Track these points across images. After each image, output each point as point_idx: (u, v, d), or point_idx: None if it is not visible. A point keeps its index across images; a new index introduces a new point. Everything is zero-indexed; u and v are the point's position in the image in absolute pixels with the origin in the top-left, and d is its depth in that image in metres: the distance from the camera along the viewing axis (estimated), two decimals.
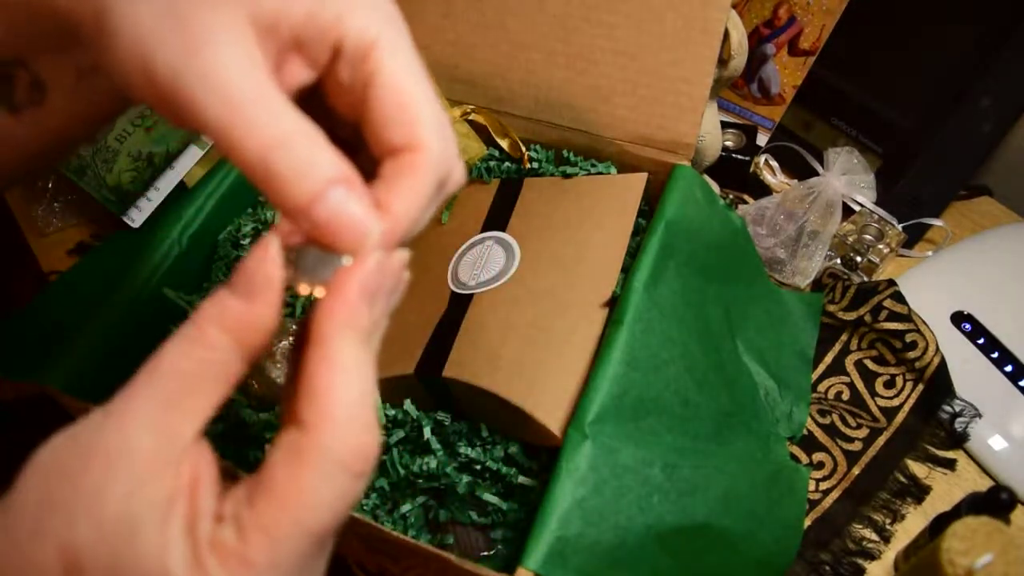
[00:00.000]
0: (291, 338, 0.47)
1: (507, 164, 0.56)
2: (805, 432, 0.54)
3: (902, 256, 0.66)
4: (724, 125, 0.69)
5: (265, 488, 0.20)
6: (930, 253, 0.65)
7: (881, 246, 0.63)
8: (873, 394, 0.56)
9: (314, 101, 0.25)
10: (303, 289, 0.21)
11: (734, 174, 0.69)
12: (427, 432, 0.45)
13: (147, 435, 0.20)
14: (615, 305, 0.44)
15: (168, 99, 0.21)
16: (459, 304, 0.47)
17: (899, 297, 0.57)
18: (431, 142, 0.23)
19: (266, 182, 0.21)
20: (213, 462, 0.21)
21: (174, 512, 0.20)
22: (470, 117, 0.55)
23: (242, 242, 0.54)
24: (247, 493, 0.20)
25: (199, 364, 0.21)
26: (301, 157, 0.21)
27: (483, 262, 0.49)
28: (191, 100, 0.20)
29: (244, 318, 0.21)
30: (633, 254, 0.48)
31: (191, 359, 0.21)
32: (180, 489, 0.20)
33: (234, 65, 0.21)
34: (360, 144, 0.25)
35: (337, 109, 0.25)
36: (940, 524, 0.45)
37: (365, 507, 0.46)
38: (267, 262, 0.21)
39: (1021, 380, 0.54)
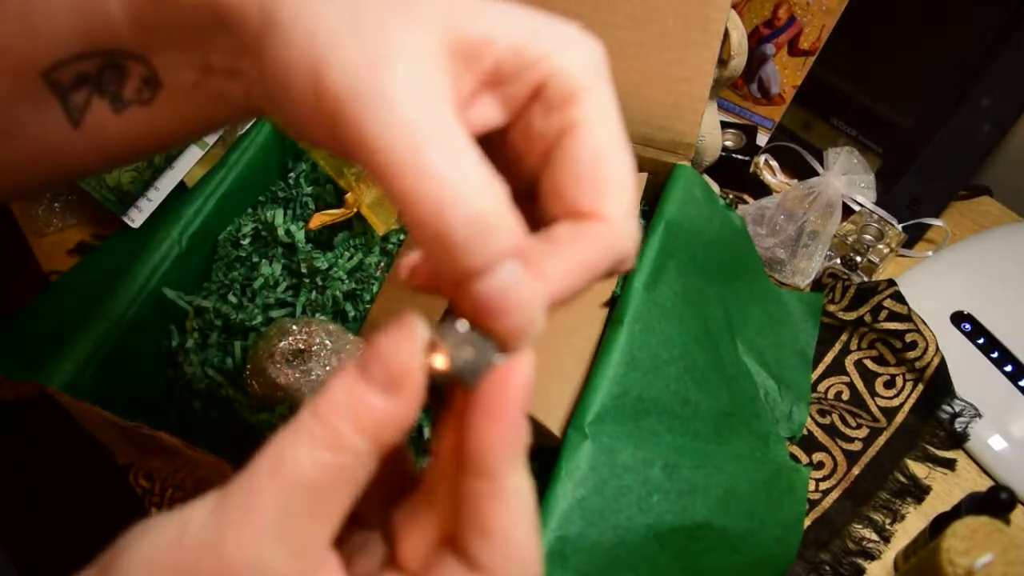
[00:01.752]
0: (287, 339, 0.47)
1: None
2: (805, 432, 0.54)
3: (902, 256, 0.66)
4: (724, 125, 0.69)
5: None
6: (930, 253, 0.65)
7: (881, 246, 0.63)
8: (873, 394, 0.56)
9: (483, 140, 0.21)
10: (440, 366, 0.18)
11: (734, 174, 0.69)
12: (427, 432, 0.45)
13: (275, 551, 0.17)
14: (615, 305, 0.44)
15: (332, 116, 0.18)
16: None
17: (899, 297, 0.57)
18: (620, 217, 0.20)
19: (437, 240, 0.17)
20: (341, 569, 0.19)
21: None
22: None
23: (242, 242, 0.54)
24: None
25: (330, 471, 0.18)
26: (480, 217, 0.17)
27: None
28: (361, 126, 0.17)
29: (385, 417, 0.18)
30: None
31: (319, 464, 0.18)
32: None
33: (420, 96, 0.18)
34: (519, 195, 0.21)
35: (512, 153, 0.22)
36: (940, 524, 0.45)
37: None
38: (414, 352, 0.18)
39: (1021, 380, 0.54)
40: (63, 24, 0.24)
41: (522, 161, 0.22)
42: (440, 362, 0.18)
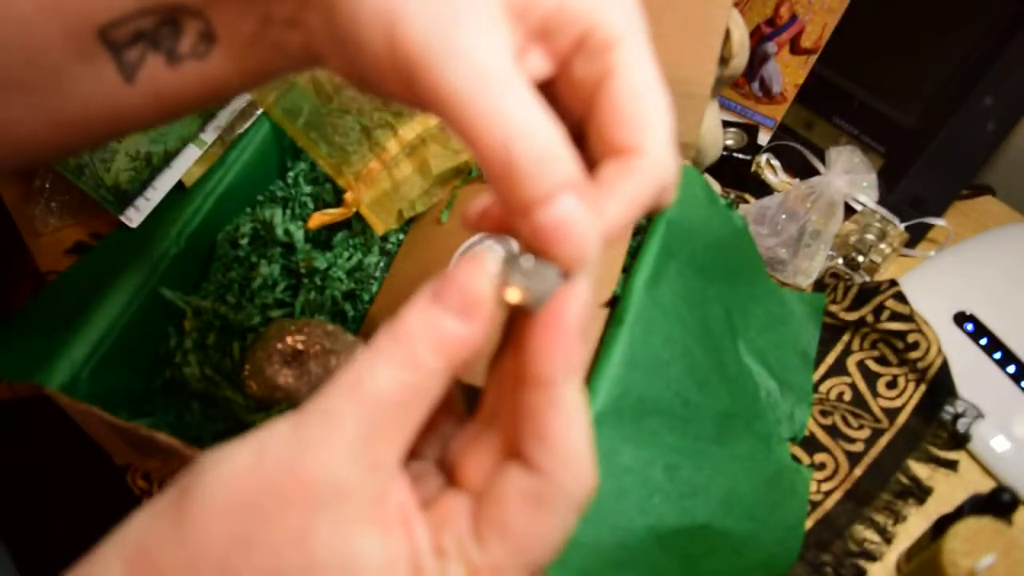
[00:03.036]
0: (285, 340, 0.47)
1: None
2: (807, 433, 0.54)
3: (904, 256, 0.65)
4: (725, 124, 0.69)
5: (500, 530, 0.20)
6: (932, 253, 0.65)
7: (883, 246, 0.62)
8: (875, 394, 0.56)
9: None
10: (511, 297, 0.20)
11: (735, 173, 0.69)
12: None
13: (352, 468, 0.19)
14: (616, 305, 0.44)
15: (405, 70, 0.20)
16: None
17: (901, 297, 0.57)
18: (659, 149, 0.22)
19: (504, 172, 0.20)
20: (410, 487, 0.20)
21: (395, 551, 0.19)
22: None
23: (240, 242, 0.54)
24: (471, 529, 0.20)
25: (407, 390, 0.19)
26: (541, 151, 0.19)
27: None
28: (435, 75, 0.20)
29: (460, 339, 0.20)
30: (634, 254, 0.47)
31: (398, 383, 0.19)
32: (392, 525, 0.19)
33: (486, 47, 0.20)
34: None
35: (558, 103, 0.24)
36: (942, 525, 0.45)
37: None
38: (485, 278, 0.20)
39: (1023, 381, 0.54)
40: None
41: (567, 110, 0.24)
42: (511, 294, 0.20)
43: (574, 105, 0.24)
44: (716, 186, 0.67)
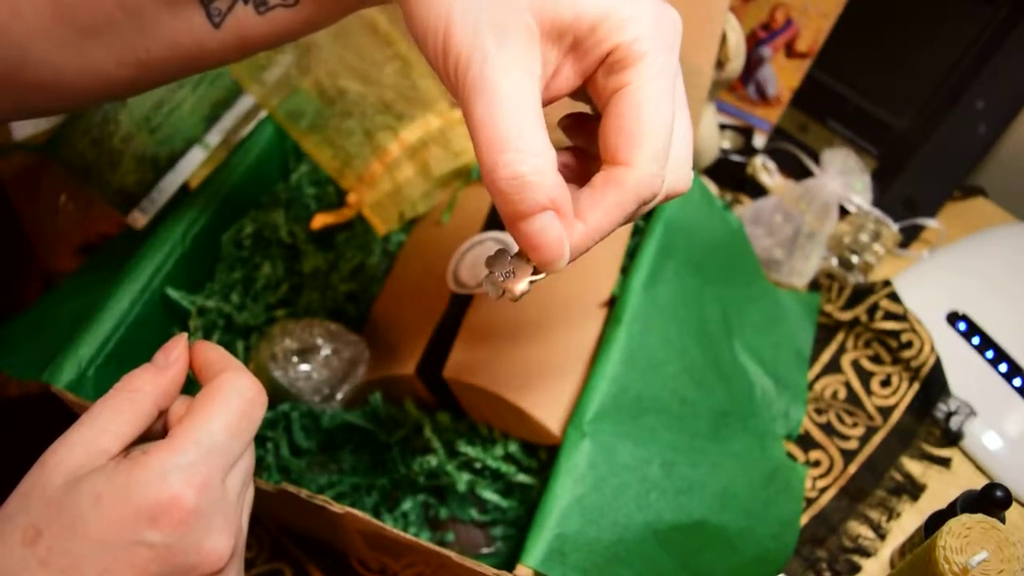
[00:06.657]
0: (288, 339, 0.47)
1: None
2: (802, 431, 0.54)
3: (897, 256, 0.66)
4: (722, 127, 0.70)
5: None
6: (925, 253, 0.66)
7: (877, 246, 0.63)
8: (869, 393, 0.57)
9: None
10: (491, 290, 0.26)
11: (732, 175, 0.70)
12: (427, 431, 0.46)
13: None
14: (614, 305, 0.45)
15: (448, 70, 0.24)
16: (459, 304, 0.48)
17: (895, 297, 0.57)
18: (642, 164, 0.25)
19: (490, 185, 0.23)
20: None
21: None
22: None
23: (244, 243, 0.55)
24: None
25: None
26: (518, 177, 0.23)
27: (483, 262, 0.49)
28: (466, 87, 0.23)
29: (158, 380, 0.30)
30: (632, 254, 0.48)
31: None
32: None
33: (511, 77, 0.23)
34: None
35: (587, 100, 0.28)
36: (935, 522, 0.46)
37: (366, 505, 0.47)
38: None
39: (1015, 379, 0.55)
40: None
41: (596, 107, 0.27)
42: (488, 273, 0.27)
43: (599, 105, 0.26)
44: (713, 188, 0.68)
